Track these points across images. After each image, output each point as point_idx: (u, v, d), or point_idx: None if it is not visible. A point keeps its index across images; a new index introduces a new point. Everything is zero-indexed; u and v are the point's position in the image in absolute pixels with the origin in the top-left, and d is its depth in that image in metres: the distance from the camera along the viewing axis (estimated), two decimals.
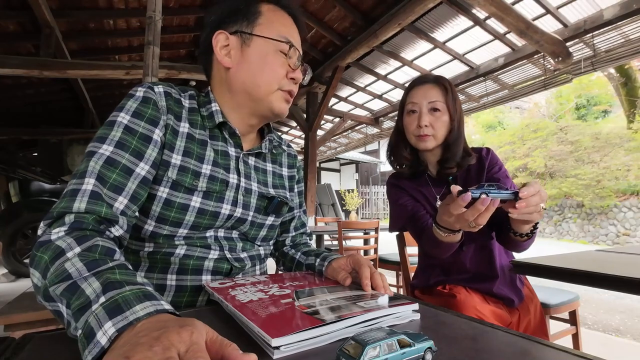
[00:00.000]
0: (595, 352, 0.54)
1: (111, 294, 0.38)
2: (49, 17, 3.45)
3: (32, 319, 1.16)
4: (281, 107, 0.71)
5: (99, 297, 0.38)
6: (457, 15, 3.76)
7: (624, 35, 3.42)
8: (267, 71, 0.68)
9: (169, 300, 0.64)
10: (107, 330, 0.34)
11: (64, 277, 0.42)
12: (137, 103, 0.62)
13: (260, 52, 0.68)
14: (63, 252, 0.45)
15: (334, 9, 4.04)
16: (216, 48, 0.69)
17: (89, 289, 0.39)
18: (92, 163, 0.55)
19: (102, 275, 0.41)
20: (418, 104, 1.05)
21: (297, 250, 0.85)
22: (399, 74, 5.17)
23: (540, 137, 11.85)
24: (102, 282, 0.39)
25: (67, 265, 0.43)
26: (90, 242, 0.47)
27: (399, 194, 1.14)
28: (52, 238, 0.48)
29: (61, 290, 0.40)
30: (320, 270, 0.71)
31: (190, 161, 0.65)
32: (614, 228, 8.66)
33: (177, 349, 0.30)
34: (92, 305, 0.37)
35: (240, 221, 0.71)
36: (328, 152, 10.02)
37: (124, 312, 0.35)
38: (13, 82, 4.61)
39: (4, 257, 3.84)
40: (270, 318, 0.42)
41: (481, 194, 0.66)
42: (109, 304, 0.36)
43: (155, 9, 2.31)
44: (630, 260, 1.04)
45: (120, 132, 0.59)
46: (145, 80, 2.25)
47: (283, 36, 0.69)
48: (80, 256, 0.44)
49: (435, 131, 1.04)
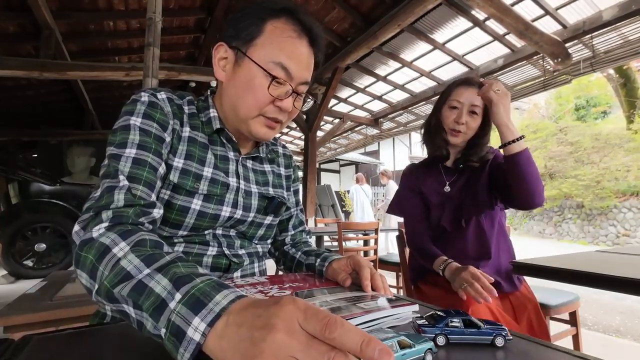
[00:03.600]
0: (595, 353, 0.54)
1: (185, 288, 0.37)
2: (49, 19, 3.45)
3: (31, 321, 1.15)
4: (260, 132, 0.68)
5: (173, 294, 0.37)
6: (457, 17, 3.76)
7: (623, 36, 3.42)
8: (249, 96, 0.64)
9: None
10: (198, 326, 0.33)
11: (123, 275, 0.41)
12: (145, 106, 0.63)
13: (247, 75, 0.64)
14: (108, 248, 0.44)
15: (334, 10, 4.04)
16: (214, 59, 0.68)
17: (158, 286, 0.38)
18: (121, 166, 0.56)
19: (168, 271, 0.39)
20: (463, 103, 1.15)
21: (297, 250, 0.84)
22: (398, 75, 5.18)
23: (540, 137, 11.86)
24: (171, 278, 0.38)
25: (123, 263, 0.42)
26: (136, 237, 0.46)
27: (408, 193, 1.27)
28: (94, 236, 0.47)
29: (128, 291, 0.39)
30: (321, 271, 0.71)
31: (192, 164, 0.66)
32: (613, 229, 8.66)
33: (296, 321, 0.28)
34: (168, 303, 0.36)
35: (240, 222, 0.72)
36: (328, 153, 10.03)
37: (207, 304, 0.34)
38: (13, 83, 4.61)
39: (4, 258, 3.83)
40: None
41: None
42: (188, 299, 0.35)
43: (155, 10, 2.31)
44: (630, 261, 1.04)
45: (138, 135, 0.60)
46: (145, 81, 2.25)
47: (278, 62, 0.63)
48: (134, 252, 0.43)
49: (467, 130, 1.15)
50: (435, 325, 0.40)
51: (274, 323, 0.28)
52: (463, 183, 1.20)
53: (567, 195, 9.86)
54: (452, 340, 0.41)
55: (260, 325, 0.29)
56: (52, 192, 4.23)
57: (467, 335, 0.41)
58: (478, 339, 0.41)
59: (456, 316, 0.42)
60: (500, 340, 0.41)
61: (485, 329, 0.42)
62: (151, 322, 0.37)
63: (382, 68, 5.04)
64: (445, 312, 0.45)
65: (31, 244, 3.95)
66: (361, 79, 5.48)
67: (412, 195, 1.26)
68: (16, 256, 3.89)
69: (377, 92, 5.83)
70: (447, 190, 1.21)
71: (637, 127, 9.75)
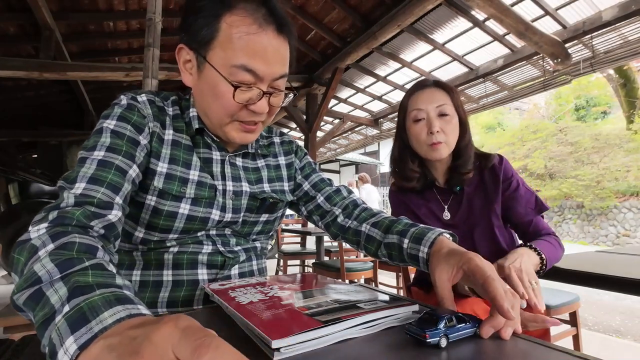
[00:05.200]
0: (595, 353, 0.54)
1: (77, 300, 0.32)
2: (49, 19, 3.46)
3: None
4: (237, 137, 0.63)
5: (64, 305, 0.32)
6: (456, 17, 3.76)
7: (622, 37, 3.42)
8: (216, 104, 0.59)
9: (166, 295, 0.64)
10: (69, 348, 0.28)
11: (32, 281, 0.36)
12: (122, 109, 0.62)
13: (211, 81, 0.58)
14: (37, 250, 0.40)
15: (334, 10, 4.05)
16: (179, 63, 0.62)
17: (55, 296, 0.34)
18: (84, 168, 0.53)
19: (70, 279, 0.35)
20: (424, 109, 0.95)
21: (359, 222, 0.72)
22: (398, 76, 5.18)
23: (540, 138, 11.86)
24: (70, 287, 0.34)
25: (36, 267, 0.37)
26: (66, 239, 0.41)
27: (403, 212, 1.06)
28: (31, 237, 0.43)
29: (25, 299, 0.35)
30: (424, 259, 0.56)
31: (177, 168, 0.64)
32: (613, 229, 8.66)
33: (169, 346, 0.24)
34: (55, 316, 0.32)
35: (231, 223, 0.70)
36: (328, 153, 10.02)
37: (89, 322, 0.30)
38: (13, 84, 4.61)
39: (4, 259, 3.82)
40: (270, 319, 0.42)
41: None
42: (72, 314, 0.31)
43: (155, 11, 2.31)
44: (631, 261, 1.04)
45: (109, 138, 0.57)
46: (145, 82, 2.26)
47: (240, 65, 0.55)
48: (52, 255, 0.38)
49: (447, 137, 0.95)
50: (437, 327, 0.40)
51: (143, 348, 0.25)
52: (466, 209, 1.00)
53: (567, 196, 9.86)
54: (451, 339, 0.41)
55: (130, 351, 0.25)
56: (52, 192, 4.24)
57: (461, 331, 0.42)
58: (466, 333, 0.43)
59: (447, 314, 0.42)
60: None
61: (472, 323, 0.43)
62: (40, 335, 0.33)
63: (382, 68, 5.04)
64: (435, 311, 0.44)
65: None
66: (361, 79, 5.47)
67: (410, 215, 1.04)
68: None
69: (377, 92, 5.83)
70: (446, 217, 1.01)
71: (637, 127, 9.76)
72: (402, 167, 1.02)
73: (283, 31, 0.59)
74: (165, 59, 4.76)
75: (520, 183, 0.99)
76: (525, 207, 0.96)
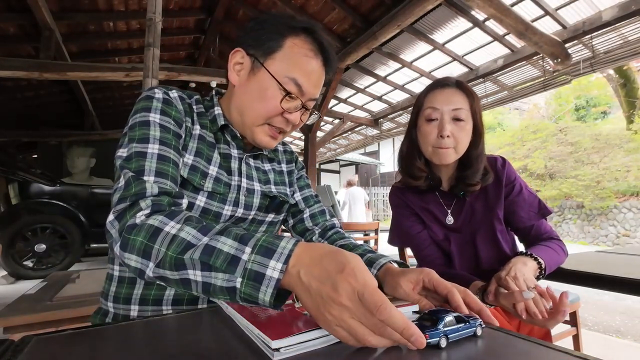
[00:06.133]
0: (595, 353, 0.54)
1: (252, 242, 0.42)
2: (49, 20, 3.46)
3: (31, 321, 1.15)
4: (263, 140, 0.70)
5: (242, 249, 0.41)
6: (456, 17, 3.77)
7: (622, 37, 3.43)
8: (260, 105, 0.67)
9: (171, 293, 0.65)
10: (275, 266, 0.39)
11: (186, 245, 0.44)
12: (161, 103, 0.65)
13: (261, 85, 0.66)
14: (159, 229, 0.47)
15: (334, 10, 4.05)
16: (230, 63, 0.70)
17: (226, 246, 0.42)
18: (147, 162, 0.58)
19: (230, 233, 0.44)
20: (439, 110, 0.89)
21: (330, 242, 0.81)
22: (398, 76, 5.19)
23: (540, 138, 11.86)
24: (234, 237, 0.43)
25: (182, 234, 0.46)
26: (182, 215, 0.50)
27: (404, 213, 1.03)
28: (137, 222, 0.50)
29: (198, 255, 0.43)
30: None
31: (201, 161, 0.68)
32: (614, 229, 8.65)
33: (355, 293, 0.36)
34: (240, 257, 0.41)
35: (241, 220, 0.73)
36: (328, 153, 10.03)
37: (275, 250, 0.40)
38: (13, 84, 4.61)
39: (4, 259, 3.82)
40: (270, 320, 0.42)
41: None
42: (258, 249, 0.41)
43: (155, 11, 2.31)
44: (631, 261, 1.04)
45: (159, 131, 0.62)
46: (145, 82, 2.26)
47: (292, 78, 0.65)
48: (187, 226, 0.47)
49: (457, 143, 0.89)
50: (437, 328, 0.40)
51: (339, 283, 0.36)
52: (468, 213, 0.98)
53: (567, 196, 9.86)
54: (451, 339, 0.41)
55: (328, 290, 0.36)
56: (52, 192, 4.23)
57: (460, 332, 0.42)
58: (465, 333, 0.42)
59: (447, 314, 0.43)
60: (479, 330, 0.44)
61: (470, 322, 0.43)
62: (223, 277, 0.41)
63: (382, 68, 5.05)
64: (435, 311, 0.45)
65: (31, 245, 3.94)
66: (361, 79, 5.48)
67: (412, 220, 1.02)
68: (16, 257, 3.89)
69: (377, 92, 5.84)
70: (449, 222, 0.97)
71: (637, 127, 9.76)
72: (410, 164, 0.99)
73: (328, 64, 0.70)
74: (165, 58, 4.78)
75: (523, 186, 0.97)
76: (528, 211, 0.95)
